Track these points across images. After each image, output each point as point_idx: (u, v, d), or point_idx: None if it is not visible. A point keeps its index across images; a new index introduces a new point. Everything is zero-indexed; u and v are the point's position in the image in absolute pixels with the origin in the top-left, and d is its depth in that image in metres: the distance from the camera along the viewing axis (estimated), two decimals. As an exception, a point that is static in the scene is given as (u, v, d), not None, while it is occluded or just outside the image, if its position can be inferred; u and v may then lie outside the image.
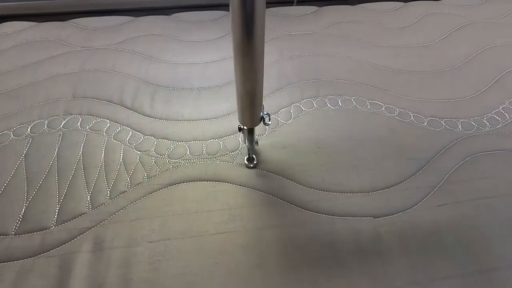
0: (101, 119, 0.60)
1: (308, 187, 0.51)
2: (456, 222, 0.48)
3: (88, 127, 0.59)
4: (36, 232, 0.45)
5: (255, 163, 0.53)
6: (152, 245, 0.44)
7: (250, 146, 0.51)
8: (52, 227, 0.46)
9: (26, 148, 0.55)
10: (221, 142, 0.57)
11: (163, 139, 0.58)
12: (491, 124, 0.62)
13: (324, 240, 0.45)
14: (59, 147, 0.55)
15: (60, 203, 0.48)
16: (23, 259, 0.43)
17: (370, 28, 0.87)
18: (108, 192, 0.50)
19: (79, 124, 0.59)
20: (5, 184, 0.50)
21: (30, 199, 0.49)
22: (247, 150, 0.53)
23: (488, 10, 0.95)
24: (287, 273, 0.42)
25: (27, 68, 0.71)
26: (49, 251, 0.43)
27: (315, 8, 0.94)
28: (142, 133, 0.58)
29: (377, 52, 0.79)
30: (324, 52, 0.78)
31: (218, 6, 0.94)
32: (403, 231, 0.47)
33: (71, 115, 0.61)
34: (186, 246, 0.44)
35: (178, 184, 0.51)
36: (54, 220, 0.46)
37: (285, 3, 0.96)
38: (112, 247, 0.44)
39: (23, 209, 0.47)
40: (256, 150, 0.55)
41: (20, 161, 0.53)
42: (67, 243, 0.44)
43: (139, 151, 0.55)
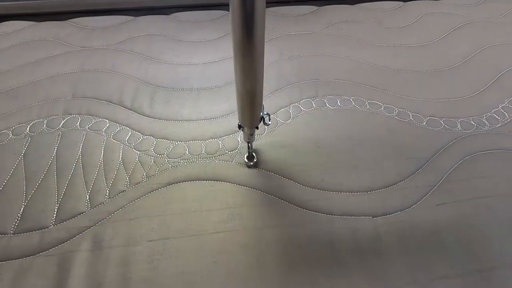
0: (100, 119, 0.60)
1: (307, 187, 0.51)
2: (455, 221, 0.48)
3: (88, 126, 0.59)
4: (35, 231, 0.45)
5: (255, 161, 0.53)
6: (151, 244, 0.44)
7: (249, 145, 0.51)
8: (51, 226, 0.46)
9: (25, 147, 0.55)
10: (220, 142, 0.57)
11: (162, 139, 0.58)
12: (490, 123, 0.62)
13: (323, 240, 0.45)
14: (58, 146, 0.55)
15: (59, 202, 0.48)
16: (22, 258, 0.42)
17: (369, 28, 0.87)
18: (107, 191, 0.50)
19: (78, 123, 0.59)
20: (4, 183, 0.50)
21: (29, 198, 0.49)
22: (247, 148, 0.53)
23: (487, 10, 0.95)
24: (286, 272, 0.42)
25: (26, 67, 0.71)
26: (48, 250, 0.43)
27: (315, 8, 0.94)
28: (142, 133, 0.58)
29: (376, 52, 0.79)
30: (323, 52, 0.78)
31: (218, 6, 0.94)
32: (402, 230, 0.47)
33: (70, 114, 0.61)
34: (185, 245, 0.44)
35: (177, 183, 0.51)
36: (53, 219, 0.46)
37: (284, 3, 0.96)
38: (111, 246, 0.44)
39: (22, 208, 0.47)
40: (255, 149, 0.55)
41: (19, 160, 0.53)
42: (66, 242, 0.44)
43: (138, 151, 0.55)
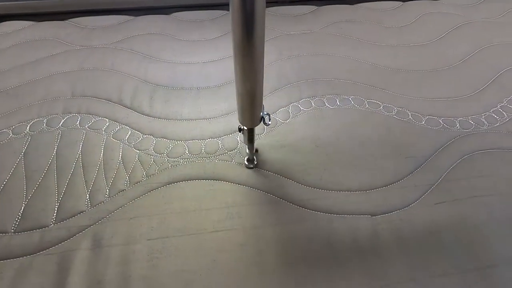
0: (100, 118, 0.60)
1: (306, 186, 0.51)
2: (454, 220, 0.48)
3: (87, 125, 0.59)
4: (35, 230, 0.45)
5: (255, 163, 0.54)
6: (151, 242, 0.44)
7: (250, 147, 0.51)
8: (51, 225, 0.46)
9: (25, 146, 0.55)
10: (219, 141, 0.57)
11: (162, 138, 0.58)
12: (489, 122, 0.62)
13: (322, 238, 0.46)
14: (58, 145, 0.56)
15: (59, 201, 0.48)
16: (22, 257, 0.43)
17: (368, 27, 0.87)
18: (107, 190, 0.50)
19: (78, 122, 0.59)
20: (4, 182, 0.50)
21: (29, 197, 0.49)
22: (247, 151, 0.53)
23: (486, 10, 0.95)
24: (285, 270, 0.43)
25: (26, 67, 0.71)
26: (48, 249, 0.43)
27: (314, 7, 0.94)
28: (141, 132, 0.59)
29: (375, 52, 0.79)
30: (322, 52, 0.78)
31: (218, 6, 0.94)
32: (401, 229, 0.47)
33: (70, 113, 0.61)
34: (184, 244, 0.44)
35: (176, 182, 0.51)
36: (53, 218, 0.46)
37: (284, 3, 0.96)
38: (110, 244, 0.44)
39: (22, 207, 0.48)
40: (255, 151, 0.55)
41: (19, 159, 0.53)
42: (66, 240, 0.44)
43: (138, 150, 0.56)
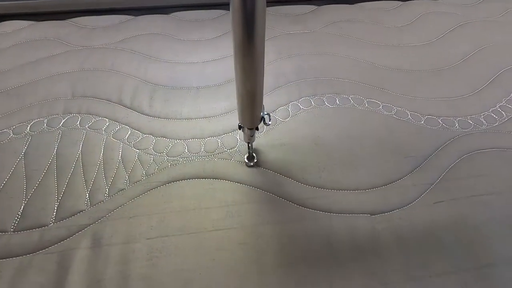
0: (100, 118, 0.61)
1: (305, 184, 0.51)
2: (453, 219, 0.48)
3: (87, 125, 0.59)
4: (35, 229, 0.45)
5: (255, 161, 0.54)
6: (150, 241, 0.44)
7: (250, 145, 0.51)
8: (51, 224, 0.46)
9: (25, 146, 0.55)
10: (219, 140, 0.58)
11: (162, 137, 0.58)
12: (488, 122, 0.62)
13: (322, 237, 0.46)
14: (58, 145, 0.56)
15: (59, 201, 0.49)
16: (22, 256, 0.43)
17: (368, 27, 0.87)
18: (107, 189, 0.50)
19: (78, 122, 0.60)
20: (4, 182, 0.50)
21: (29, 197, 0.49)
22: (247, 149, 0.53)
23: (486, 9, 0.95)
24: (284, 269, 0.43)
25: (26, 67, 0.71)
26: (47, 248, 0.44)
27: (314, 7, 0.94)
28: (141, 131, 0.59)
29: (375, 51, 0.79)
30: (322, 51, 0.78)
31: (217, 5, 0.94)
32: (400, 228, 0.47)
33: (70, 114, 0.61)
34: (184, 243, 0.45)
35: (176, 181, 0.51)
36: (53, 217, 0.47)
37: (284, 2, 0.96)
38: (110, 243, 0.44)
39: (22, 206, 0.48)
40: (254, 148, 0.55)
41: (20, 159, 0.54)
42: (66, 239, 0.44)
43: (138, 149, 0.56)
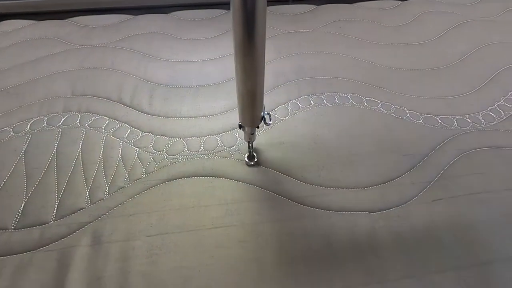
0: (100, 116, 0.61)
1: (305, 183, 0.52)
2: (451, 217, 0.48)
3: (87, 124, 0.59)
4: (35, 226, 0.46)
5: (255, 161, 0.54)
6: (150, 239, 0.45)
7: (250, 145, 0.51)
8: (51, 221, 0.46)
9: (25, 144, 0.56)
10: (218, 139, 0.58)
11: (161, 135, 0.58)
12: (486, 121, 0.63)
13: (321, 235, 0.46)
14: (58, 143, 0.56)
15: (59, 199, 0.49)
16: (22, 253, 0.43)
17: (367, 26, 0.88)
18: (107, 187, 0.50)
19: (78, 121, 0.60)
20: (4, 180, 0.51)
21: (29, 195, 0.49)
22: (247, 148, 0.53)
23: (484, 9, 0.95)
24: (283, 267, 0.43)
25: (27, 66, 0.71)
26: (48, 245, 0.44)
27: (313, 6, 0.95)
28: (141, 130, 0.59)
29: (374, 50, 0.79)
30: (321, 50, 0.78)
31: (217, 5, 0.94)
32: (399, 225, 0.47)
33: (70, 112, 0.61)
34: (183, 240, 0.45)
35: (176, 179, 0.52)
36: (53, 215, 0.47)
37: (283, 2, 0.97)
38: (110, 241, 0.44)
39: (23, 204, 0.48)
40: (255, 148, 0.55)
41: (20, 157, 0.54)
42: (66, 237, 0.45)
43: (138, 148, 0.56)
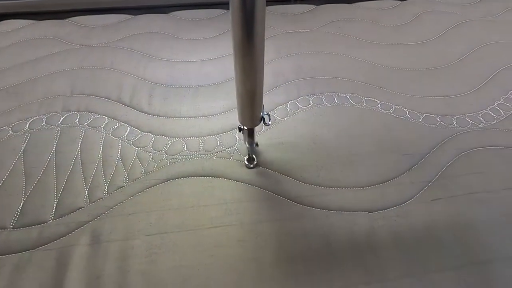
0: (99, 116, 0.61)
1: (304, 183, 0.52)
2: (450, 216, 0.48)
3: (86, 123, 0.59)
4: (34, 225, 0.46)
5: (255, 163, 0.54)
6: (149, 238, 0.45)
7: (250, 146, 0.51)
8: (50, 221, 0.46)
9: (24, 143, 0.56)
10: (218, 139, 0.58)
11: (161, 135, 0.58)
12: (486, 120, 0.63)
13: (320, 235, 0.46)
14: (57, 143, 0.56)
15: (58, 198, 0.49)
16: (21, 252, 0.43)
17: (366, 26, 0.88)
18: (106, 187, 0.50)
19: (77, 120, 0.60)
20: (3, 179, 0.51)
21: (28, 194, 0.49)
22: (247, 150, 0.53)
23: (483, 9, 0.96)
24: (282, 266, 0.43)
25: (26, 65, 0.72)
26: (47, 244, 0.44)
27: (313, 6, 0.95)
28: (140, 129, 0.59)
29: (373, 50, 0.79)
30: (321, 50, 0.78)
31: (216, 5, 0.94)
32: (398, 225, 0.47)
33: (70, 111, 0.61)
34: (182, 240, 0.45)
35: (175, 179, 0.52)
36: (52, 214, 0.47)
37: (283, 1, 0.97)
38: (109, 240, 0.44)
39: (22, 203, 0.48)
40: (255, 150, 0.55)
41: (19, 156, 0.54)
42: (65, 236, 0.45)
43: (137, 147, 0.56)
